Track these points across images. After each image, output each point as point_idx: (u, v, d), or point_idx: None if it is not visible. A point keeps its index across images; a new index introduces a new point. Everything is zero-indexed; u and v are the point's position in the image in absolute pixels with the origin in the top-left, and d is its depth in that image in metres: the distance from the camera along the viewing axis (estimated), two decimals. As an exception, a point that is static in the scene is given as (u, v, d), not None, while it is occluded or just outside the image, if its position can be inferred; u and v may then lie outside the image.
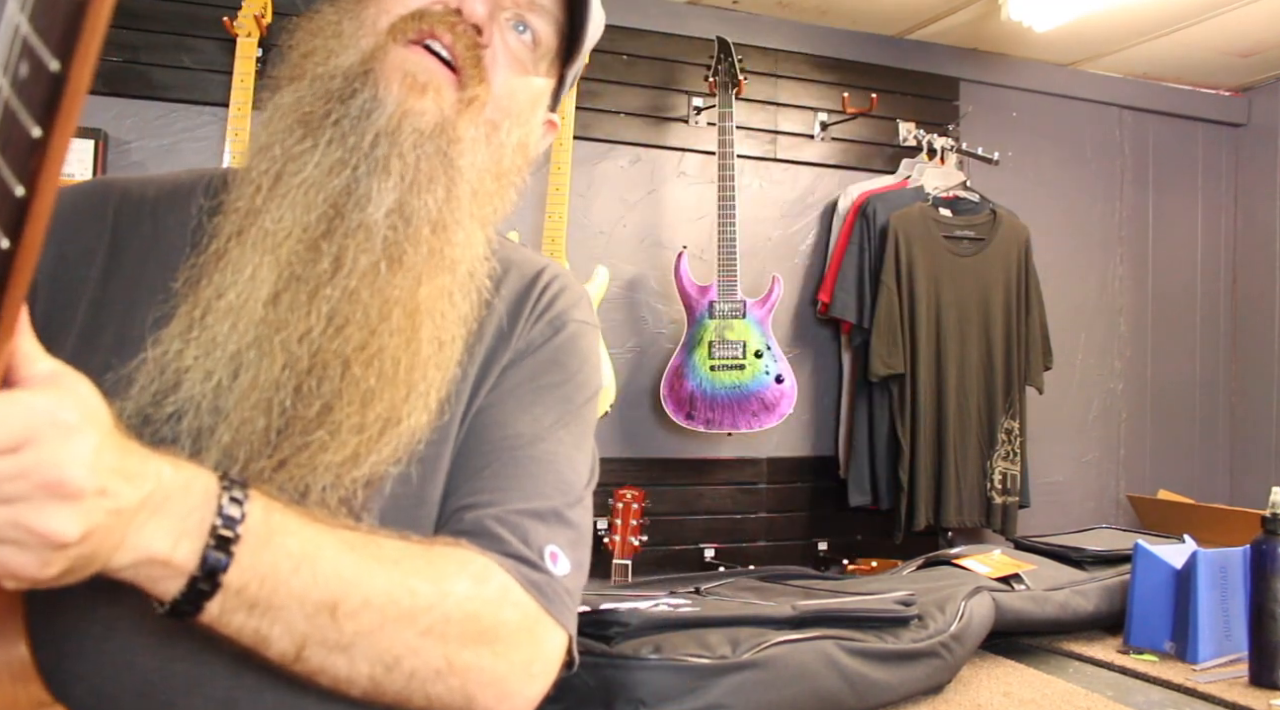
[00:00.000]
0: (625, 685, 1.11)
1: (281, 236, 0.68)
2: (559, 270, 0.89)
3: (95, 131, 2.27)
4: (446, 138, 0.72)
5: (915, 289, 2.76)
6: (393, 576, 0.62)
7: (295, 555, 0.58)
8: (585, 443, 0.82)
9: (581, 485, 0.79)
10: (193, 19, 2.40)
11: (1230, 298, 3.62)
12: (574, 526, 0.76)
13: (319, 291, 0.68)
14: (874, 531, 2.98)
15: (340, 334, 0.68)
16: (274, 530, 0.58)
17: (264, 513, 0.58)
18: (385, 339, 0.69)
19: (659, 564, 2.72)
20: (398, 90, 0.71)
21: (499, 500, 0.73)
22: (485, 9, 0.75)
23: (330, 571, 0.59)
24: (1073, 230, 3.36)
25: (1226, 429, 3.60)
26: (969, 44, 3.13)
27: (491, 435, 0.76)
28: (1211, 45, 3.09)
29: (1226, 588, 1.53)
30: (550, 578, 0.71)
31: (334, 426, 0.67)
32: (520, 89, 0.79)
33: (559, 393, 0.81)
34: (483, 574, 0.68)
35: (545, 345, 0.82)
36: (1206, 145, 3.59)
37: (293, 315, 0.67)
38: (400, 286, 0.70)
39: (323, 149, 0.69)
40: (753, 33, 2.92)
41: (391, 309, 0.69)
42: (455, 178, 0.73)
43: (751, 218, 2.92)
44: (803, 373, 2.94)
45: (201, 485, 0.57)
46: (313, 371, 0.67)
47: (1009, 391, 2.85)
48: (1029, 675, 1.45)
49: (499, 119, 0.77)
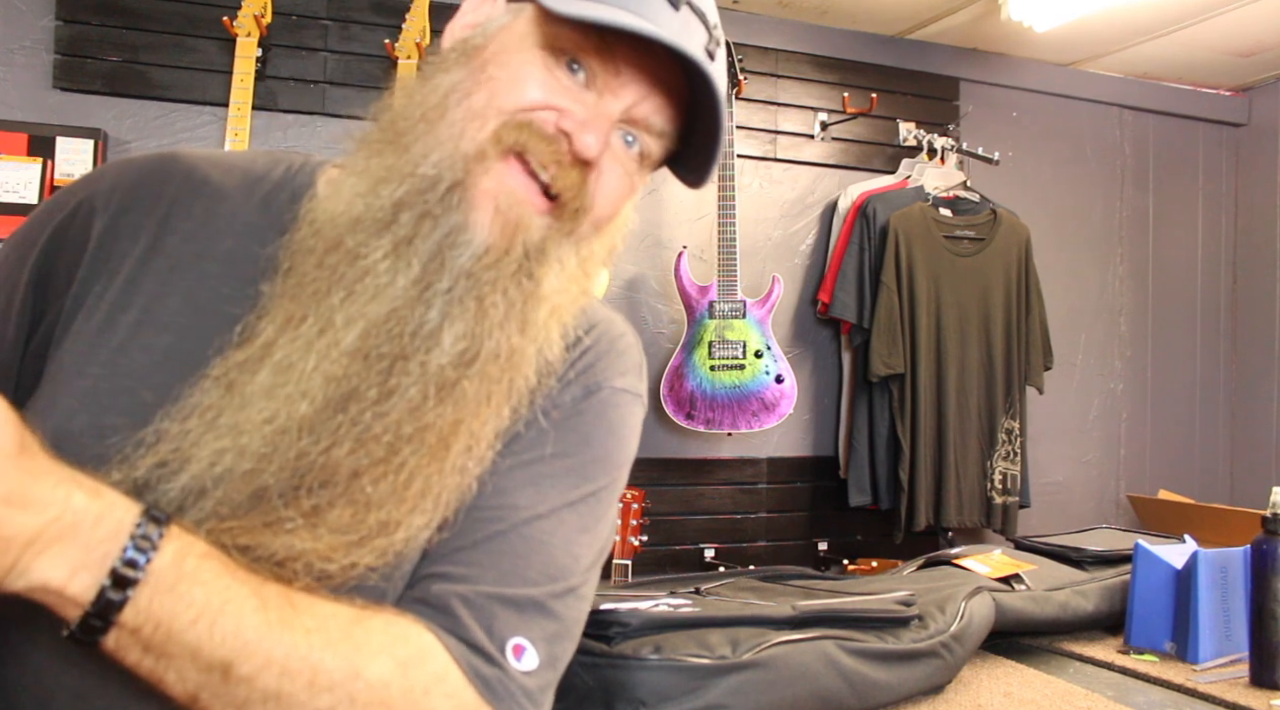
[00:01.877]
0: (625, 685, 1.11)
1: (337, 357, 0.64)
2: (614, 328, 0.81)
3: (95, 131, 2.28)
4: (531, 269, 0.68)
5: (915, 289, 2.76)
6: (299, 646, 0.58)
7: (197, 606, 0.56)
8: (596, 527, 0.74)
9: (579, 572, 0.72)
10: (193, 19, 2.40)
11: (1230, 298, 3.62)
12: (556, 618, 0.69)
13: (359, 417, 0.64)
14: (874, 531, 2.98)
15: (362, 448, 0.64)
16: (183, 576, 0.56)
17: (176, 556, 0.56)
18: (408, 457, 0.65)
19: (659, 564, 2.72)
20: (488, 226, 0.66)
21: (472, 577, 0.67)
22: (599, 146, 0.68)
23: (230, 630, 0.56)
24: (1073, 230, 3.36)
25: (1226, 429, 3.60)
26: (969, 44, 3.13)
27: (487, 502, 0.70)
28: (1211, 45, 3.09)
29: (1227, 588, 1.53)
30: (503, 673, 0.65)
31: (316, 522, 0.63)
32: (623, 201, 0.75)
33: (574, 465, 0.74)
34: (416, 656, 0.62)
35: (571, 410, 0.75)
36: (1206, 145, 3.59)
37: (324, 433, 0.63)
38: (443, 415, 0.65)
39: (404, 282, 0.65)
40: (753, 33, 2.92)
41: (426, 433, 0.65)
42: (535, 304, 0.69)
43: (751, 218, 2.92)
44: (803, 373, 2.94)
45: (115, 518, 0.55)
46: (319, 477, 0.64)
47: (1009, 391, 2.85)
48: (1029, 675, 1.45)
49: (595, 228, 0.73)
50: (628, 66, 0.70)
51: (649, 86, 0.71)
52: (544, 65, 0.69)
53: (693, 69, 0.70)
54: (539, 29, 0.70)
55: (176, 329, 0.70)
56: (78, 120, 2.31)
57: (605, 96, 0.70)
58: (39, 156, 2.21)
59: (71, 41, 2.33)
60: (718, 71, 0.73)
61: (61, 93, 2.33)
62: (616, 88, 0.70)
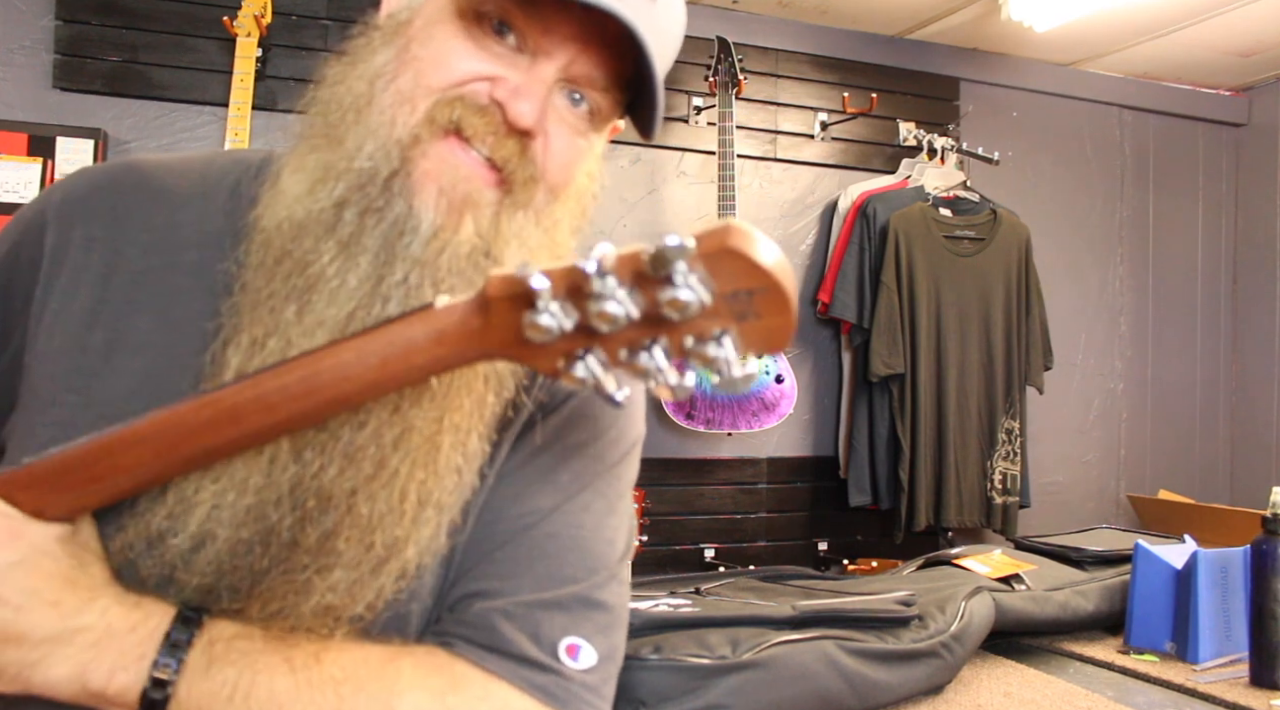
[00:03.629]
0: (625, 685, 1.11)
1: None
2: None
3: (95, 131, 2.27)
4: (487, 248, 0.66)
5: (915, 289, 2.76)
6: (329, 699, 0.60)
7: (230, 684, 0.59)
8: (620, 505, 0.74)
9: (615, 558, 0.71)
10: (193, 19, 2.39)
11: (1230, 298, 3.62)
12: (604, 608, 0.69)
13: (338, 432, 0.63)
14: (874, 531, 2.98)
15: (352, 464, 0.63)
16: (214, 660, 0.59)
17: (207, 645, 0.60)
18: (398, 464, 0.64)
19: (659, 564, 2.72)
20: (434, 211, 0.64)
21: (509, 590, 0.66)
22: (535, 112, 0.65)
23: (264, 699, 0.59)
24: (1073, 230, 3.36)
25: (1226, 429, 3.60)
26: (969, 44, 3.13)
27: (507, 512, 0.69)
28: (1211, 45, 3.09)
29: (1227, 588, 1.53)
30: (559, 677, 0.65)
31: (329, 562, 0.63)
32: (577, 162, 0.71)
33: (586, 453, 0.73)
34: (449, 685, 0.63)
35: (570, 398, 0.73)
36: (1206, 145, 3.59)
37: (310, 454, 0.63)
38: (424, 413, 0.64)
39: (356, 280, 0.63)
40: (753, 33, 2.92)
41: (410, 435, 0.64)
42: None
43: (751, 218, 2.91)
44: (803, 373, 2.94)
45: (153, 625, 0.60)
46: (318, 501, 0.63)
47: (1009, 391, 2.85)
48: (1029, 675, 1.45)
49: (553, 195, 0.70)
50: (558, 22, 0.66)
51: (583, 41, 0.67)
52: (469, 35, 0.66)
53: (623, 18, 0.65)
54: None
55: (151, 350, 0.68)
56: (78, 120, 2.31)
57: (539, 58, 0.66)
58: (39, 156, 2.21)
59: (71, 41, 2.33)
60: (653, 13, 0.67)
61: (61, 93, 2.33)
62: (549, 47, 0.66)
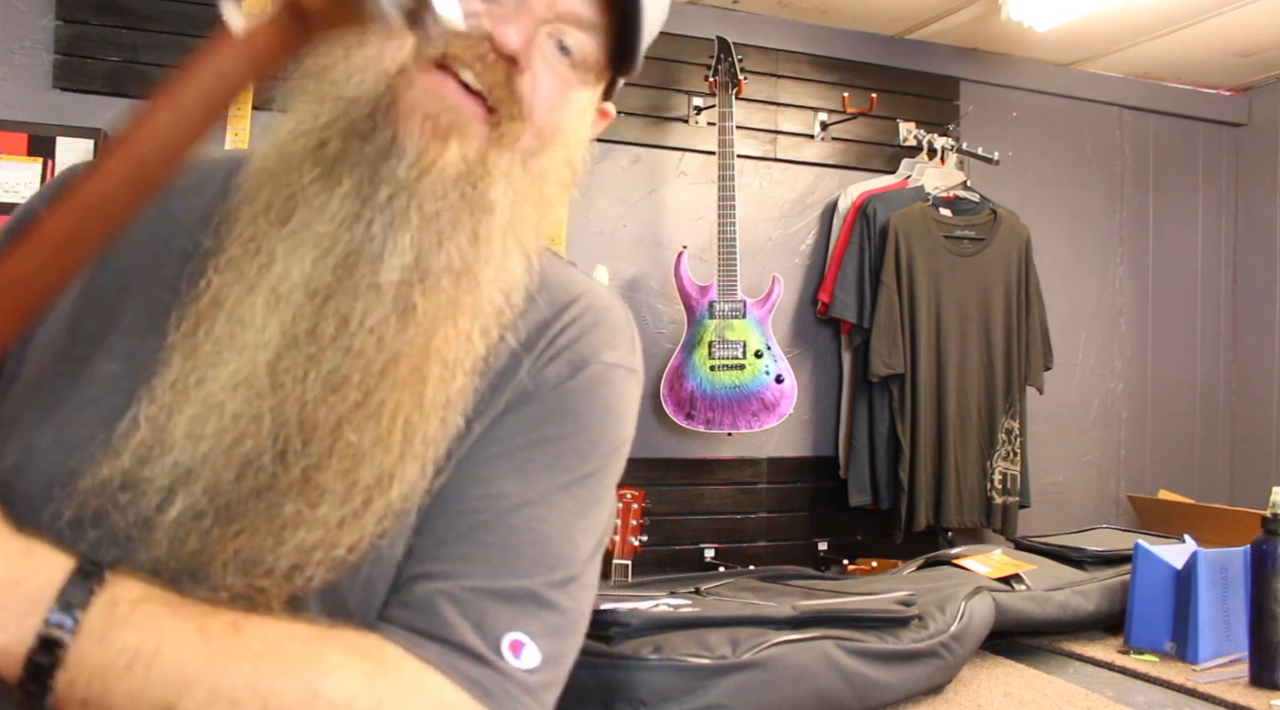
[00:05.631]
0: (625, 685, 1.11)
1: (286, 293, 0.63)
2: (600, 299, 0.77)
3: (95, 131, 2.27)
4: (475, 178, 0.66)
5: (915, 289, 2.76)
6: (245, 673, 0.55)
7: (130, 651, 0.54)
8: (594, 511, 0.70)
9: (579, 561, 0.67)
10: (193, 19, 2.39)
11: (1230, 298, 3.62)
12: (556, 609, 0.65)
13: (321, 355, 0.62)
14: (874, 531, 2.98)
15: (336, 392, 0.62)
16: (113, 624, 0.54)
17: (108, 606, 0.55)
18: (385, 393, 0.63)
19: (659, 564, 2.72)
20: (419, 135, 0.64)
21: (459, 573, 0.63)
22: (521, 37, 0.66)
23: (169, 669, 0.54)
24: (1073, 230, 3.36)
25: (1226, 429, 3.60)
26: (969, 44, 3.13)
27: (469, 493, 0.66)
28: (1211, 45, 3.09)
29: (1227, 588, 1.53)
30: (496, 673, 0.61)
31: (314, 496, 0.61)
32: (563, 109, 0.71)
33: (565, 448, 0.69)
34: (380, 668, 0.59)
35: (558, 388, 0.70)
36: (1206, 145, 3.59)
37: (289, 379, 0.62)
38: (410, 340, 0.63)
39: (339, 200, 0.64)
40: (753, 33, 2.92)
41: (397, 363, 0.63)
42: (484, 217, 0.66)
43: (751, 218, 2.91)
44: (803, 373, 2.94)
45: (41, 582, 0.54)
46: (301, 432, 0.61)
47: (1009, 391, 2.85)
48: (1029, 675, 1.45)
49: (540, 143, 0.70)
50: None
51: None
52: None
53: None
54: None
55: (137, 335, 0.68)
56: (78, 120, 2.31)
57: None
58: (39, 156, 2.21)
59: (71, 41, 2.33)
60: None
61: (61, 93, 2.33)
62: None
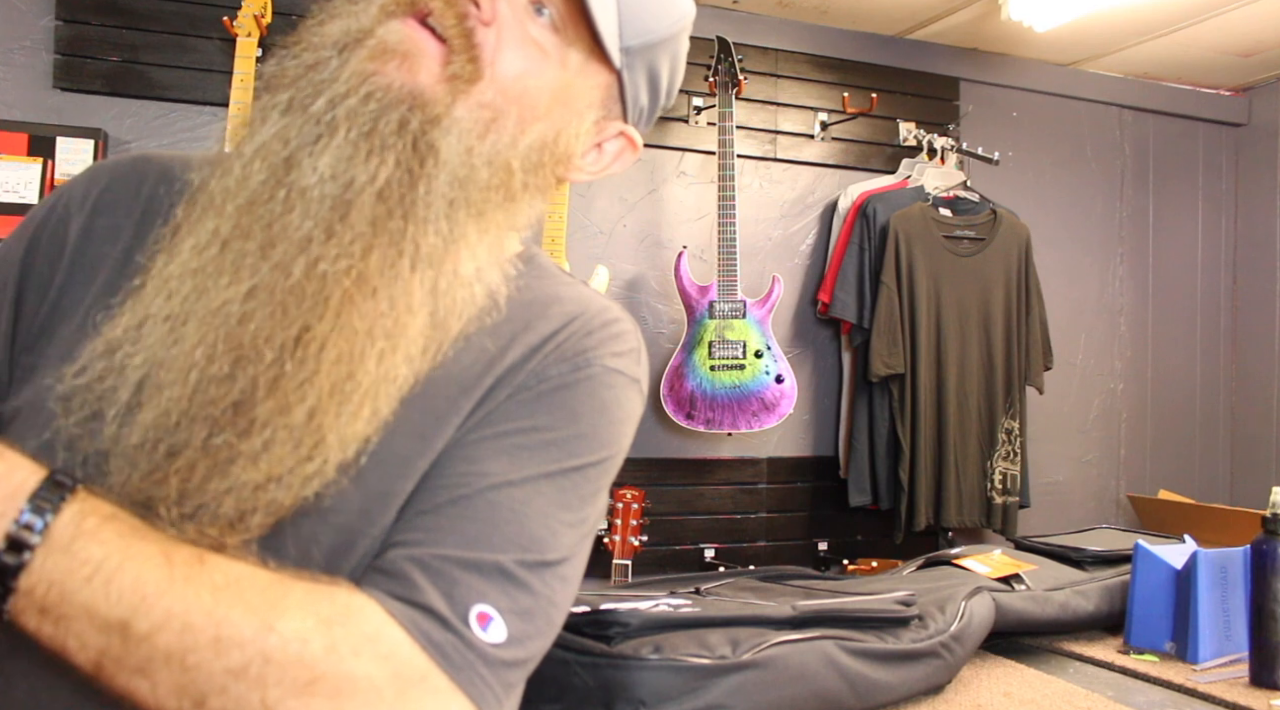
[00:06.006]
0: (625, 685, 1.11)
1: (221, 203, 0.64)
2: (611, 313, 0.77)
3: (95, 131, 2.28)
4: (420, 110, 0.65)
5: (915, 289, 2.76)
6: (203, 600, 0.54)
7: (93, 563, 0.53)
8: (578, 506, 0.68)
9: (556, 548, 0.65)
10: (193, 19, 2.40)
11: (1230, 298, 3.62)
12: (527, 590, 0.63)
13: (247, 263, 0.62)
14: (874, 531, 2.98)
15: (275, 316, 0.61)
16: (80, 534, 0.54)
17: (76, 516, 0.54)
18: (314, 321, 0.61)
19: (659, 564, 2.72)
20: (364, 56, 0.65)
21: (429, 541, 0.62)
22: None
23: (128, 586, 0.53)
24: (1073, 230, 3.36)
25: (1226, 429, 3.60)
26: (969, 44, 3.13)
27: (453, 469, 0.65)
28: (1211, 45, 3.09)
29: (1227, 588, 1.53)
30: (459, 640, 0.59)
31: (247, 427, 0.60)
32: (534, 76, 0.70)
33: (556, 440, 0.68)
34: (341, 614, 0.57)
35: (557, 384, 0.70)
36: (1206, 145, 3.59)
37: (222, 287, 0.62)
38: (338, 262, 0.62)
39: (277, 116, 0.65)
40: (753, 33, 2.92)
41: (330, 289, 0.62)
42: (426, 156, 0.65)
43: (751, 218, 2.92)
44: (803, 373, 2.94)
45: (15, 482, 0.54)
46: (240, 360, 0.61)
47: (1009, 391, 2.85)
48: (1029, 675, 1.45)
49: (504, 106, 0.68)
50: None
51: None
52: None
53: None
54: None
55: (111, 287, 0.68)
56: (78, 120, 2.31)
57: None
58: (39, 156, 2.21)
59: (71, 41, 2.33)
60: None
61: (61, 93, 2.33)
62: None
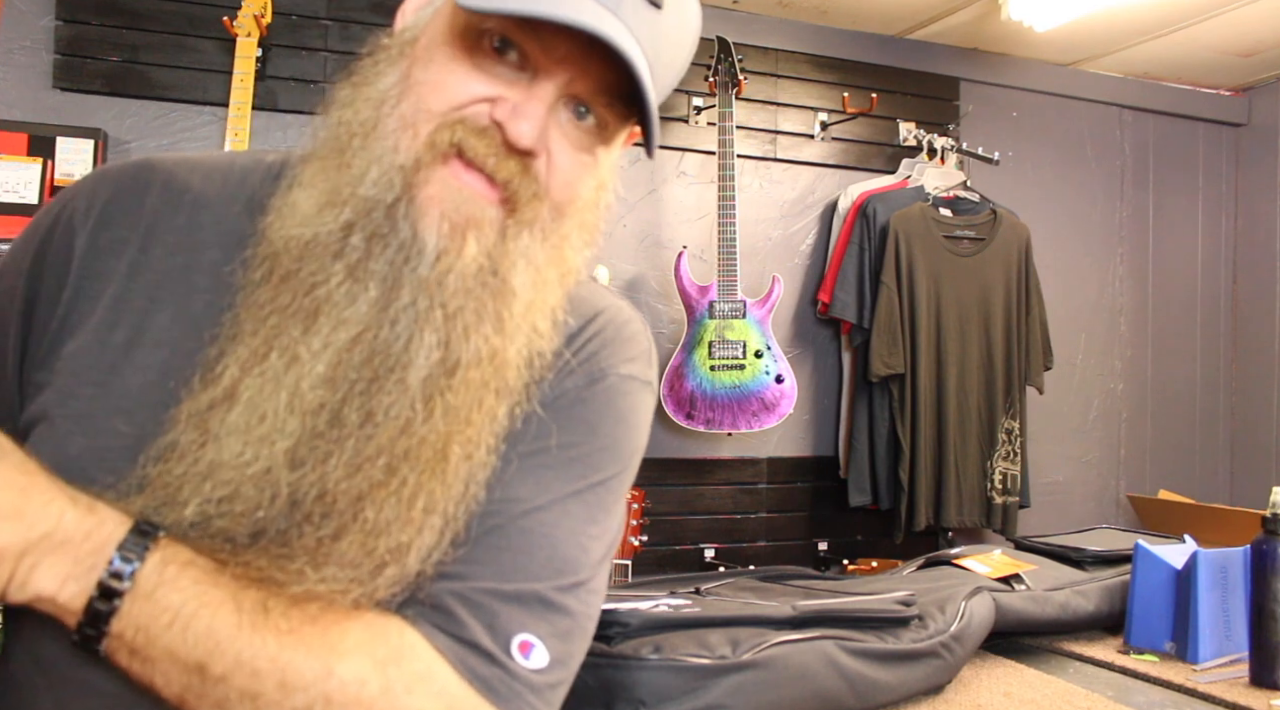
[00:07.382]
0: (625, 685, 1.11)
1: (309, 386, 0.63)
2: (621, 314, 0.79)
3: (95, 131, 2.27)
4: (495, 266, 0.66)
5: (915, 289, 2.76)
6: (268, 646, 0.59)
7: (173, 610, 0.58)
8: (603, 517, 0.72)
9: (588, 565, 0.69)
10: (193, 19, 2.40)
11: (1230, 298, 3.62)
12: (565, 613, 0.67)
13: (344, 442, 0.63)
14: (874, 531, 2.98)
15: (358, 471, 0.63)
16: (162, 582, 0.58)
17: (159, 564, 0.58)
18: (408, 474, 0.64)
19: (659, 564, 2.72)
20: (438, 234, 0.64)
21: (470, 574, 0.65)
22: (534, 129, 0.65)
23: (204, 631, 0.58)
24: (1073, 230, 3.36)
25: (1226, 429, 3.60)
26: (969, 44, 3.13)
27: (485, 495, 0.68)
28: (1211, 45, 3.09)
29: (1227, 588, 1.53)
30: (505, 672, 0.63)
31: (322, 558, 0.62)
32: (581, 179, 0.71)
33: (579, 456, 0.71)
34: (394, 655, 0.61)
35: (575, 398, 0.73)
36: (1206, 145, 3.59)
37: (310, 461, 0.63)
38: (435, 429, 0.64)
39: (362, 298, 0.64)
40: (753, 33, 2.92)
41: (422, 448, 0.64)
42: (507, 300, 0.67)
43: (751, 218, 2.92)
44: (803, 373, 2.94)
45: (105, 533, 0.58)
46: (320, 506, 0.63)
47: (1009, 391, 2.85)
48: (1029, 675, 1.45)
49: (558, 212, 0.69)
50: (557, 41, 0.65)
51: (584, 58, 0.66)
52: (469, 56, 0.66)
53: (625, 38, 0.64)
54: (459, 16, 0.67)
55: (169, 345, 0.68)
56: (78, 120, 2.31)
57: (539, 77, 0.66)
58: (39, 156, 2.21)
59: (71, 41, 2.33)
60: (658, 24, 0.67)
61: (61, 93, 2.33)
62: (549, 66, 0.66)
